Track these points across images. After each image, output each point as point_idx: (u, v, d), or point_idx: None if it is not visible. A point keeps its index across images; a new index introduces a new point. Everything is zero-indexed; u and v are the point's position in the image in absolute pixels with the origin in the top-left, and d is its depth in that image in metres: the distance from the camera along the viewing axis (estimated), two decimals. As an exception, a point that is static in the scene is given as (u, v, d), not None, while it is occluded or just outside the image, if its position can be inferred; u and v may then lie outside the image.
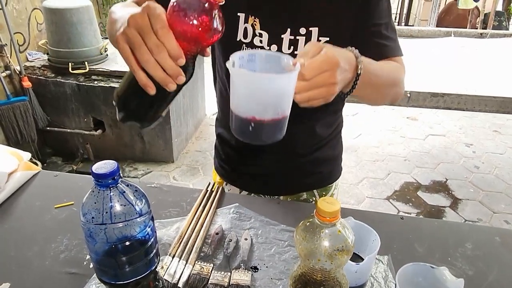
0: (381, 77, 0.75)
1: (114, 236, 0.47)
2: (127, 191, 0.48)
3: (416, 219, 1.14)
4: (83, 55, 2.57)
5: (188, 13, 0.49)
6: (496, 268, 0.76)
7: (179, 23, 0.49)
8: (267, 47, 0.84)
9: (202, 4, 0.49)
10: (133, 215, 0.47)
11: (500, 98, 3.42)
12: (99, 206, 0.46)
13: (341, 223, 0.50)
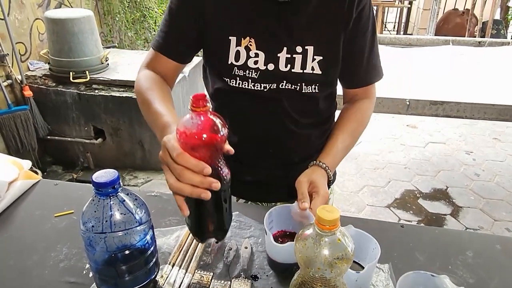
0: (345, 152, 0.95)
1: (114, 245, 0.47)
2: (127, 199, 0.48)
3: (417, 227, 1.14)
4: (84, 65, 2.58)
5: (191, 131, 0.55)
6: (497, 276, 0.76)
7: (188, 141, 0.55)
8: (263, 67, 0.85)
9: (196, 121, 0.56)
10: (133, 224, 0.47)
11: (500, 106, 3.43)
12: (99, 214, 0.46)
13: (340, 232, 0.50)
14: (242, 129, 0.94)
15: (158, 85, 0.87)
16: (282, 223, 0.79)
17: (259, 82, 0.86)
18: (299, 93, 0.88)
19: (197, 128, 0.54)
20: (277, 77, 0.86)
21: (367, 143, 3.38)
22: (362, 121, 0.97)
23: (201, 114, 0.56)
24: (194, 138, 0.54)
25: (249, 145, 0.95)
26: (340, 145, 0.92)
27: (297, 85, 0.87)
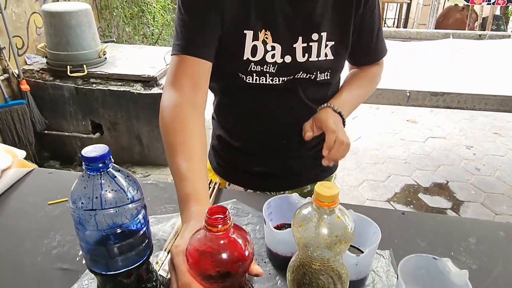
0: (358, 101, 0.98)
1: (104, 223, 0.45)
2: (118, 176, 0.46)
3: (418, 214, 1.12)
4: (82, 58, 2.56)
5: (204, 259, 0.44)
6: (501, 262, 0.74)
7: (199, 271, 0.44)
8: (280, 60, 0.82)
9: (213, 245, 0.44)
10: (125, 202, 0.46)
11: (500, 97, 3.40)
12: (89, 191, 0.44)
13: (340, 209, 0.48)
14: (255, 122, 0.92)
15: (186, 123, 0.74)
16: (281, 215, 0.77)
17: (276, 76, 0.83)
18: (313, 81, 0.86)
19: (213, 256, 0.42)
20: (295, 69, 0.84)
21: (366, 138, 3.36)
22: (371, 79, 0.99)
23: (220, 237, 0.43)
24: (209, 269, 0.43)
25: (262, 137, 0.93)
26: (347, 93, 0.93)
27: (313, 73, 0.86)
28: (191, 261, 0.44)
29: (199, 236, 0.44)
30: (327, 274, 0.51)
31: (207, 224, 0.42)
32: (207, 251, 0.43)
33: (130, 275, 0.50)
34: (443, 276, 0.59)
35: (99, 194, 0.44)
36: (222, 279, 0.43)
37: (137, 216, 0.48)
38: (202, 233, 0.44)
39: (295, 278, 0.53)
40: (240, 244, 0.44)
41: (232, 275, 0.43)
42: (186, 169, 0.67)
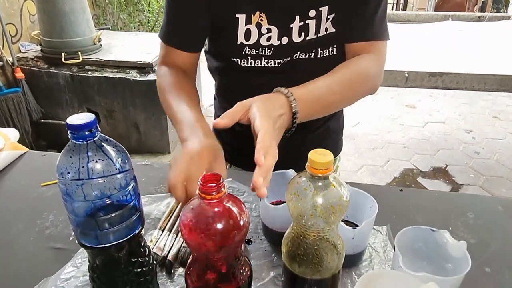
0: (333, 94, 0.75)
1: (92, 194, 0.44)
2: (105, 145, 0.45)
3: (416, 191, 1.12)
4: (76, 45, 2.53)
5: (198, 228, 0.43)
6: (499, 236, 0.73)
7: (194, 240, 0.43)
8: (277, 42, 0.79)
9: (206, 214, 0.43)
10: (112, 171, 0.44)
11: (500, 76, 3.35)
12: (75, 160, 0.43)
13: (334, 178, 0.47)
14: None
15: (177, 82, 0.79)
16: (277, 192, 0.75)
17: (272, 58, 0.81)
18: (314, 59, 0.82)
19: (207, 225, 0.41)
20: (292, 50, 0.80)
21: (365, 123, 3.34)
22: (359, 72, 0.78)
23: (214, 205, 0.42)
24: (203, 238, 0.42)
25: None
26: (322, 84, 0.73)
27: (312, 52, 0.81)
28: (185, 230, 0.42)
29: (192, 206, 0.43)
30: (322, 245, 0.50)
31: (201, 192, 0.41)
32: (201, 219, 0.41)
33: (121, 249, 0.49)
34: (440, 248, 0.58)
35: (86, 163, 0.43)
36: (217, 249, 0.42)
37: (126, 188, 0.47)
38: (196, 202, 0.43)
39: (290, 250, 0.52)
40: (235, 213, 0.42)
41: (227, 244, 0.42)
42: (182, 113, 0.70)
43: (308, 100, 0.70)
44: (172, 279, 0.64)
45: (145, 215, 0.77)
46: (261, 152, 0.52)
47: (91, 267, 0.52)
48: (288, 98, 0.66)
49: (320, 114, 0.77)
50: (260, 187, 0.51)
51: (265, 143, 0.53)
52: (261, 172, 0.52)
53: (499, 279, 0.64)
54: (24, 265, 0.67)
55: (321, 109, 0.75)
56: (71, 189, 0.44)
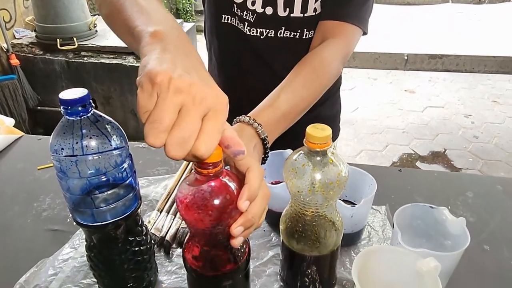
0: (301, 101, 0.68)
1: (87, 170, 0.43)
2: (100, 121, 0.44)
3: (415, 171, 1.11)
4: (72, 31, 2.49)
5: (195, 203, 0.41)
6: (498, 215, 0.73)
7: (191, 216, 0.42)
8: (260, 9, 0.78)
9: (203, 189, 0.41)
10: (107, 148, 0.43)
11: (500, 58, 3.31)
12: (69, 136, 0.42)
13: (332, 153, 0.46)
14: (239, 80, 0.88)
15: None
16: (276, 172, 0.74)
17: (255, 26, 0.79)
18: (299, 40, 0.80)
19: (204, 200, 0.40)
20: (275, 23, 0.79)
21: (364, 108, 3.33)
22: (323, 68, 0.72)
23: (211, 179, 0.41)
24: (198, 213, 0.40)
25: (247, 96, 0.90)
26: (287, 96, 0.66)
27: (297, 31, 0.79)
28: (181, 206, 0.42)
29: (188, 181, 0.42)
30: (320, 221, 0.49)
31: (197, 167, 0.40)
32: (197, 195, 0.41)
33: (118, 227, 0.49)
34: (439, 225, 0.58)
35: (80, 139, 0.42)
36: (214, 225, 0.42)
37: (121, 165, 0.46)
38: (192, 177, 0.42)
39: (288, 227, 0.51)
40: (232, 188, 0.42)
41: (224, 220, 0.42)
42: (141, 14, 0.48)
43: (275, 119, 0.63)
44: (170, 259, 0.64)
45: (143, 197, 0.77)
46: (245, 197, 0.40)
47: (88, 246, 0.52)
48: (252, 125, 0.59)
49: (293, 123, 0.69)
50: (237, 237, 0.41)
51: (253, 185, 0.41)
52: (243, 221, 0.41)
53: (498, 256, 0.64)
54: (22, 247, 0.67)
55: (291, 121, 0.67)
56: (66, 166, 0.43)
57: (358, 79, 3.85)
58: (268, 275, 0.61)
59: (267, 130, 0.59)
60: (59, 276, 0.60)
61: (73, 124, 0.42)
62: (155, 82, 0.34)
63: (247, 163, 0.43)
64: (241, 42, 0.82)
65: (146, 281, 0.56)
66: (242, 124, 0.60)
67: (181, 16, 4.80)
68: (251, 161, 0.43)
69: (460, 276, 0.59)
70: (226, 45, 0.87)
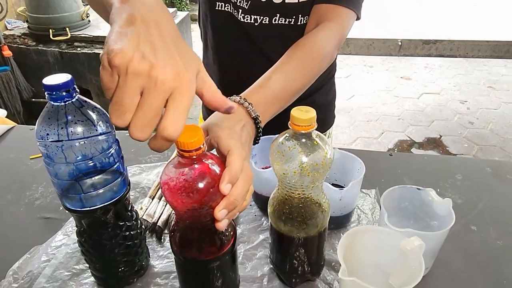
0: (294, 83, 0.66)
1: (73, 155, 0.43)
2: (85, 106, 0.44)
3: (405, 155, 1.12)
4: (64, 21, 2.47)
5: (177, 186, 0.41)
6: (486, 196, 0.74)
7: (174, 198, 0.42)
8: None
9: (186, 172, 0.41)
10: (93, 133, 0.44)
11: (494, 42, 3.29)
12: (54, 122, 0.42)
13: (318, 135, 0.47)
14: (235, 68, 0.88)
15: None
16: (266, 158, 0.75)
17: (249, 13, 0.79)
18: (294, 26, 0.79)
19: (187, 182, 0.40)
20: (270, 10, 0.78)
21: (360, 96, 3.32)
22: (317, 51, 0.71)
23: (194, 163, 0.41)
24: (182, 196, 0.41)
25: (244, 84, 0.90)
26: (279, 76, 0.64)
27: (292, 17, 0.78)
28: (165, 189, 0.42)
29: (172, 164, 0.43)
30: (307, 203, 0.50)
31: (180, 150, 0.41)
32: (180, 177, 0.41)
33: (107, 212, 0.49)
34: (426, 206, 0.59)
35: (65, 125, 0.42)
36: (198, 208, 0.42)
37: (108, 150, 0.46)
38: (176, 160, 0.42)
39: (276, 209, 0.52)
40: (215, 171, 0.42)
41: (207, 203, 0.42)
42: None
43: (267, 99, 0.61)
44: (162, 244, 0.65)
45: (135, 184, 0.78)
46: (226, 180, 0.40)
47: (78, 231, 0.52)
48: (243, 105, 0.56)
49: (287, 105, 0.67)
50: (221, 220, 0.41)
51: (233, 168, 0.41)
52: (225, 203, 0.40)
53: (484, 236, 0.65)
54: (15, 235, 0.67)
55: (284, 103, 0.66)
56: (52, 151, 0.43)
57: (354, 67, 3.84)
58: (258, 258, 0.62)
59: (259, 110, 0.57)
60: (52, 262, 0.61)
61: (58, 109, 0.42)
62: (113, 64, 0.34)
63: (228, 145, 0.43)
64: (236, 30, 0.82)
65: (137, 265, 0.57)
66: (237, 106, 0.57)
67: (176, 5, 4.76)
68: (232, 143, 0.43)
69: (447, 255, 0.60)
70: (220, 33, 0.86)
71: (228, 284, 0.52)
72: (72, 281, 0.58)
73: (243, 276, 0.58)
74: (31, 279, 0.58)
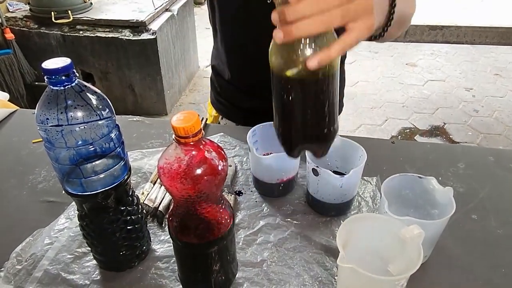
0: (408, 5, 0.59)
1: (73, 140, 0.43)
2: (84, 91, 0.44)
3: (408, 143, 1.12)
4: (66, 4, 2.44)
5: (176, 171, 0.42)
6: (488, 185, 0.74)
7: (172, 184, 0.42)
8: None
9: (183, 158, 0.41)
10: (93, 117, 0.44)
11: (502, 29, 3.20)
12: (53, 106, 0.42)
13: None
14: (240, 52, 0.87)
15: None
16: (268, 144, 0.75)
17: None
18: None
19: (183, 169, 0.41)
20: None
21: (365, 82, 3.29)
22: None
23: (191, 148, 0.41)
24: (179, 182, 0.41)
25: (249, 69, 0.89)
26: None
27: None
28: (162, 175, 0.42)
29: (170, 150, 0.43)
30: None
31: (177, 136, 0.40)
32: (178, 164, 0.41)
33: (107, 197, 0.50)
34: (427, 194, 0.59)
35: (64, 109, 0.42)
36: (195, 194, 0.42)
37: (108, 135, 0.46)
38: (174, 146, 0.42)
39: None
40: (212, 157, 0.42)
41: (204, 189, 0.42)
42: None
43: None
44: (163, 228, 0.66)
45: (136, 169, 0.78)
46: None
47: (80, 215, 0.53)
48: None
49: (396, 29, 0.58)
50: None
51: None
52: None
53: (485, 225, 0.65)
54: (18, 218, 0.68)
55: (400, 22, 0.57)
56: (52, 136, 0.43)
57: (359, 53, 3.79)
58: (258, 244, 0.62)
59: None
60: (55, 245, 0.62)
61: (57, 94, 0.42)
62: None
63: None
64: (242, 12, 0.80)
65: (138, 249, 0.58)
66: None
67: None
68: None
69: (447, 243, 0.61)
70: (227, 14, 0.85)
71: (226, 269, 0.53)
72: (75, 263, 0.59)
73: (243, 261, 0.59)
74: (34, 261, 0.59)
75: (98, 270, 0.58)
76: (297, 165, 0.71)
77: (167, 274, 0.57)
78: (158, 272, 0.58)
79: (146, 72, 2.54)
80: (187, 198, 0.43)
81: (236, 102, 0.98)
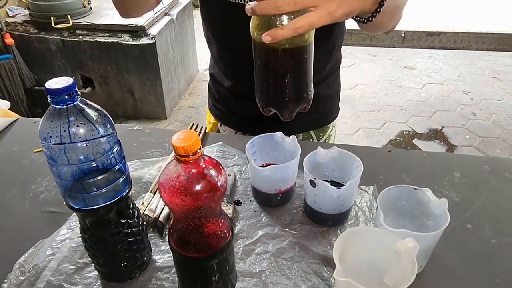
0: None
1: (75, 157, 0.45)
2: (86, 109, 0.45)
3: (404, 151, 1.13)
4: (66, 8, 2.46)
5: (176, 188, 0.43)
6: (483, 194, 0.75)
7: (172, 200, 0.44)
8: None
9: (183, 176, 0.43)
10: (95, 135, 0.45)
11: (498, 35, 3.24)
12: (56, 125, 0.43)
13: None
14: (239, 60, 0.88)
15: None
16: (266, 154, 0.76)
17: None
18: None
19: (183, 186, 0.42)
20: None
21: (363, 86, 3.31)
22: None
23: (190, 166, 0.43)
24: (179, 198, 0.42)
25: (247, 76, 0.90)
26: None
27: None
28: (162, 191, 0.44)
29: (170, 166, 0.44)
30: None
31: (177, 155, 0.42)
32: (178, 181, 0.42)
33: (109, 210, 0.51)
34: (423, 205, 0.60)
35: (67, 128, 0.43)
36: (194, 210, 0.44)
37: (110, 151, 0.47)
38: (173, 163, 0.43)
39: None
40: (212, 174, 0.43)
41: (204, 205, 0.43)
42: None
43: None
44: (163, 239, 0.66)
45: (137, 179, 0.79)
46: None
47: (81, 228, 0.54)
48: None
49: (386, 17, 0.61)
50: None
51: None
52: None
53: (479, 234, 0.66)
54: (20, 229, 0.69)
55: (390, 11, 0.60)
56: (55, 153, 0.44)
57: (358, 56, 3.81)
58: (257, 253, 0.63)
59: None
60: (57, 256, 0.63)
61: (60, 112, 0.43)
62: None
63: None
64: (229, 18, 0.81)
65: (139, 260, 0.59)
66: None
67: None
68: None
69: (441, 253, 0.62)
70: (218, 24, 0.86)
71: (225, 280, 0.54)
72: (77, 274, 0.60)
73: (242, 271, 0.60)
74: (37, 272, 0.60)
75: (100, 281, 0.59)
76: (295, 176, 0.72)
77: (167, 285, 0.58)
78: (158, 283, 0.59)
79: (145, 76, 2.55)
80: (187, 213, 0.44)
81: (234, 108, 0.99)
